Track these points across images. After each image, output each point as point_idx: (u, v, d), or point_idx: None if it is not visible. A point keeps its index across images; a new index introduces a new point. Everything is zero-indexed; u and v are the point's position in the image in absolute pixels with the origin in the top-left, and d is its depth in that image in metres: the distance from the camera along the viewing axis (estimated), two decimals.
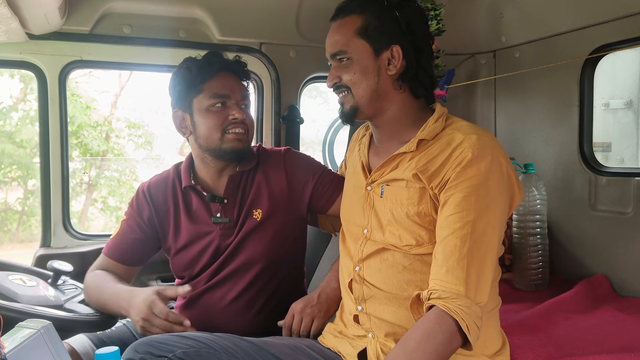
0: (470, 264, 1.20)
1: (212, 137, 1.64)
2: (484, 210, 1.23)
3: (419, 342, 1.17)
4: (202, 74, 1.65)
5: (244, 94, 1.69)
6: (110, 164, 7.22)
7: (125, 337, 1.72)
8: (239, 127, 1.64)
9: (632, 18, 1.94)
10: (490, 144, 1.29)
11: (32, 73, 2.20)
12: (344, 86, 1.40)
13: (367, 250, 1.40)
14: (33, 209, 6.75)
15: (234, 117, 1.62)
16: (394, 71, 1.38)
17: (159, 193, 1.74)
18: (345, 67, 1.39)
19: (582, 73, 2.17)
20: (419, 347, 1.16)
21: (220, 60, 1.69)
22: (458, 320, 1.16)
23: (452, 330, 1.17)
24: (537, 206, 2.12)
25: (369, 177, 1.44)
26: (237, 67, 1.71)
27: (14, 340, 1.01)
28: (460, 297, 1.18)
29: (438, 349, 1.16)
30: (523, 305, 1.92)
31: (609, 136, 3.61)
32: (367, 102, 1.39)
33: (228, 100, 1.64)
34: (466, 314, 1.17)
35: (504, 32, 2.47)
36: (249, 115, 1.69)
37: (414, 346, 1.16)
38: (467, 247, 1.20)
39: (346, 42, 1.39)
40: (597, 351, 1.49)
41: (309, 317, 1.58)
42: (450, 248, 1.21)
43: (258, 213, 1.69)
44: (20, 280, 1.61)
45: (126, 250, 1.71)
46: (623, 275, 2.03)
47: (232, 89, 1.65)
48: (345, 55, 1.39)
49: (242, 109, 1.67)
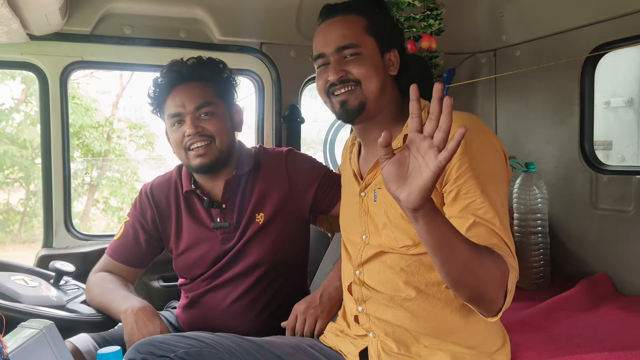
0: (510, 236, 1.20)
1: (180, 155, 1.66)
2: (493, 189, 1.22)
3: (478, 252, 1.10)
4: (159, 96, 1.65)
5: (199, 103, 1.60)
6: (112, 165, 7.22)
7: None
8: (196, 142, 1.60)
9: (633, 16, 1.94)
10: (476, 124, 1.29)
11: (33, 74, 2.21)
12: (353, 80, 1.37)
13: (366, 254, 1.40)
14: (35, 209, 6.75)
15: (187, 133, 1.59)
16: (395, 72, 1.40)
17: (161, 195, 1.74)
18: (355, 61, 1.36)
19: (583, 71, 2.17)
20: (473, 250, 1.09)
21: (170, 76, 1.63)
22: (510, 276, 1.12)
23: (502, 281, 1.11)
24: (538, 205, 2.12)
25: (362, 182, 1.44)
26: (193, 72, 1.64)
27: (16, 340, 1.02)
28: (514, 260, 1.16)
29: (487, 265, 1.10)
30: (524, 303, 1.92)
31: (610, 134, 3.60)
32: (375, 98, 1.37)
33: (182, 116, 1.61)
34: (515, 277, 1.14)
35: (505, 30, 2.47)
36: (212, 123, 1.61)
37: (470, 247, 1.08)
38: (500, 228, 1.18)
39: (356, 37, 1.37)
40: (598, 350, 1.48)
41: (312, 317, 1.57)
42: (488, 230, 1.18)
43: (260, 217, 1.68)
44: (23, 280, 1.61)
45: (130, 251, 1.71)
46: (624, 273, 2.03)
47: (182, 103, 1.61)
48: (355, 49, 1.37)
49: (200, 119, 1.61)
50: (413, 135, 1.01)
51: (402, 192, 1.01)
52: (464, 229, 1.17)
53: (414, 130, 1.01)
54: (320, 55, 1.41)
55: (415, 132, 1.01)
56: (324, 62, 1.42)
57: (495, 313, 1.15)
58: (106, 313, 1.58)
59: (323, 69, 1.42)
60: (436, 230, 1.04)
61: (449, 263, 1.08)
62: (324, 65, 1.42)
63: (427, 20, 2.26)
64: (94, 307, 1.63)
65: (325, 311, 1.59)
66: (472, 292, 1.12)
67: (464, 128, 0.95)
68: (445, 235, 1.05)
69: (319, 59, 1.42)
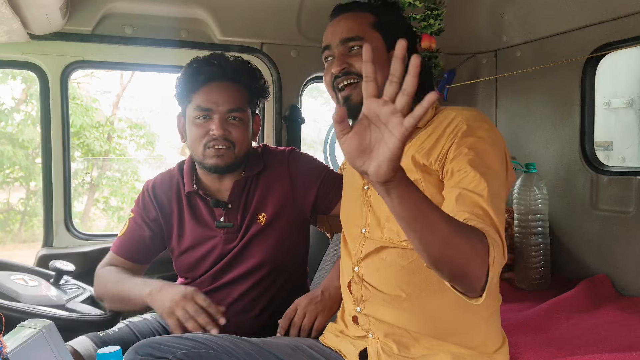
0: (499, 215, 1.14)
1: (196, 149, 1.64)
2: (492, 174, 1.20)
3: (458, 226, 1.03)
4: (191, 84, 1.63)
5: (232, 106, 1.60)
6: (112, 164, 7.23)
7: (127, 338, 1.72)
8: (219, 144, 1.59)
9: (634, 17, 1.94)
10: (483, 117, 1.30)
11: (34, 73, 2.21)
12: (355, 73, 1.38)
13: (365, 249, 1.40)
14: (35, 209, 6.76)
15: (213, 132, 1.58)
16: None
17: (163, 194, 1.74)
18: (359, 54, 1.36)
19: (584, 72, 2.17)
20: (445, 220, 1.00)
21: (209, 69, 1.62)
22: (491, 250, 1.03)
23: (484, 255, 1.03)
24: (538, 205, 2.12)
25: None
26: (235, 74, 1.64)
27: (16, 340, 1.02)
28: (498, 235, 1.09)
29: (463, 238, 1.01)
30: (524, 304, 1.92)
31: (611, 135, 3.59)
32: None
33: (211, 113, 1.60)
34: (497, 252, 1.06)
35: (505, 31, 2.47)
36: (237, 130, 1.61)
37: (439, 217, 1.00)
38: (487, 201, 1.13)
39: (363, 30, 1.39)
40: (598, 351, 1.48)
41: (313, 312, 1.57)
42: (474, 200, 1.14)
43: (262, 217, 1.68)
44: (23, 280, 1.61)
45: (135, 247, 1.71)
46: (625, 274, 2.02)
47: (216, 101, 1.59)
48: (361, 42, 1.38)
49: (228, 122, 1.60)
50: (370, 101, 0.92)
51: (370, 165, 0.92)
52: (452, 201, 1.15)
53: (370, 95, 0.92)
54: (326, 47, 1.43)
55: (372, 97, 0.92)
56: (329, 54, 1.43)
57: (479, 293, 1.07)
58: (121, 298, 1.58)
59: (329, 62, 1.44)
60: (410, 203, 0.96)
61: (427, 239, 1.00)
62: (330, 58, 1.44)
63: (428, 20, 2.26)
64: (108, 297, 1.62)
65: (325, 309, 1.59)
66: (455, 270, 1.04)
67: (435, 93, 0.88)
68: (420, 208, 0.97)
69: (325, 51, 1.44)
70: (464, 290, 1.07)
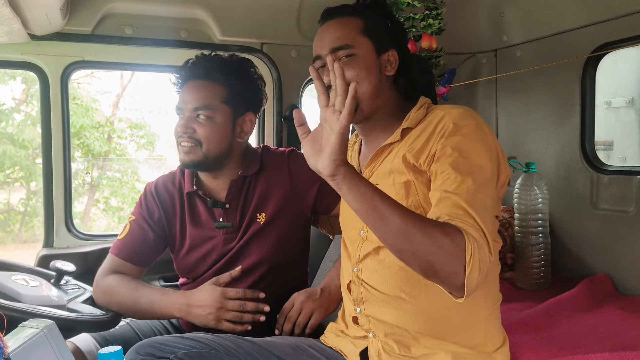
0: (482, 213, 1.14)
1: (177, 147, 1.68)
2: (476, 172, 1.20)
3: (417, 221, 1.08)
4: (176, 87, 1.69)
5: (197, 105, 1.60)
6: (112, 165, 7.23)
7: (129, 337, 1.72)
8: (183, 141, 1.62)
9: (634, 16, 1.94)
10: (470, 114, 1.30)
11: (34, 74, 2.21)
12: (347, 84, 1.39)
13: (364, 250, 1.40)
14: (36, 209, 6.76)
15: (176, 130, 1.63)
16: (392, 72, 1.40)
17: (166, 194, 1.74)
18: (348, 63, 1.36)
19: (584, 72, 2.17)
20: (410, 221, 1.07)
21: (185, 69, 1.66)
22: (467, 246, 1.06)
23: (455, 249, 1.05)
24: (539, 205, 2.12)
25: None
26: (203, 71, 1.63)
27: (17, 340, 1.01)
28: (479, 232, 1.10)
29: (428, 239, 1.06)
30: (525, 304, 1.92)
31: (611, 135, 3.59)
32: (368, 99, 1.38)
33: (183, 112, 1.64)
34: (477, 249, 1.07)
35: (505, 31, 2.47)
36: (203, 128, 1.60)
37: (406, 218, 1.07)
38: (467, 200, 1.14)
39: (351, 38, 1.38)
40: (599, 350, 1.48)
41: (309, 309, 1.58)
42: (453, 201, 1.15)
43: (262, 217, 1.68)
44: (24, 280, 1.61)
45: (138, 250, 1.70)
46: (625, 273, 2.02)
47: (185, 100, 1.63)
48: (350, 50, 1.37)
49: (194, 120, 1.61)
50: (323, 110, 1.09)
51: (319, 161, 1.09)
52: (433, 204, 1.18)
53: (323, 105, 1.10)
54: (317, 57, 1.43)
55: (323, 107, 1.09)
56: (321, 64, 1.42)
57: (461, 290, 1.08)
58: (142, 315, 1.63)
59: (321, 71, 1.42)
60: (360, 194, 1.08)
61: (380, 229, 1.10)
62: (321, 67, 1.42)
63: (427, 20, 2.26)
64: (118, 308, 1.62)
65: (323, 306, 1.59)
66: (419, 262, 1.09)
67: (355, 83, 1.06)
68: (370, 201, 1.08)
69: (317, 61, 1.43)
70: (446, 288, 1.12)
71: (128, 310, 1.63)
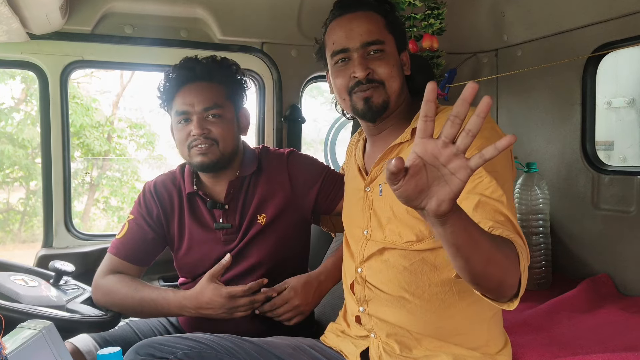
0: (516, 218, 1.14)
1: (182, 152, 1.66)
2: (504, 176, 1.20)
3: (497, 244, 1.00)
4: (168, 92, 1.66)
5: (207, 105, 1.61)
6: (112, 164, 7.22)
7: (128, 337, 1.72)
8: (200, 143, 1.60)
9: (635, 16, 1.93)
10: (488, 116, 1.28)
11: (33, 73, 2.20)
12: (377, 81, 1.34)
13: (368, 251, 1.39)
14: (35, 209, 6.75)
15: (193, 133, 1.60)
16: (408, 72, 1.42)
17: (165, 193, 1.73)
18: (379, 59, 1.34)
19: (585, 71, 2.16)
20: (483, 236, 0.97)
21: (182, 73, 1.64)
22: (520, 258, 1.03)
23: (517, 265, 1.03)
24: (539, 205, 2.12)
25: (367, 176, 1.43)
26: (205, 72, 1.64)
27: (15, 341, 1.01)
28: (520, 239, 1.08)
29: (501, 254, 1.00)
30: (526, 304, 1.92)
31: (612, 135, 3.59)
32: (396, 97, 1.37)
33: (189, 115, 1.62)
34: (525, 258, 1.05)
35: (506, 30, 2.47)
36: (218, 127, 1.61)
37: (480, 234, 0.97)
38: (507, 206, 1.13)
39: (382, 33, 1.36)
40: (600, 350, 1.48)
41: (298, 312, 1.60)
42: (494, 207, 1.13)
43: (262, 218, 1.68)
44: (22, 280, 1.60)
45: (137, 249, 1.70)
46: (626, 274, 2.02)
47: (192, 103, 1.61)
48: (381, 46, 1.35)
49: (206, 120, 1.61)
50: (427, 143, 0.86)
51: (430, 203, 0.88)
52: (470, 208, 1.13)
53: (427, 135, 0.86)
54: (342, 50, 1.36)
55: (428, 139, 0.86)
56: (344, 57, 1.37)
57: (510, 298, 1.07)
58: (145, 314, 1.64)
59: (342, 65, 1.37)
60: (462, 230, 0.93)
61: (473, 260, 0.97)
62: (343, 61, 1.37)
63: (428, 20, 2.25)
64: (119, 308, 1.62)
65: (306, 312, 1.62)
66: (493, 283, 1.03)
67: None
68: (470, 233, 0.94)
69: (340, 54, 1.37)
70: (496, 298, 1.07)
71: (129, 310, 1.62)
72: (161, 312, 1.62)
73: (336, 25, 1.39)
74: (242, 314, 1.54)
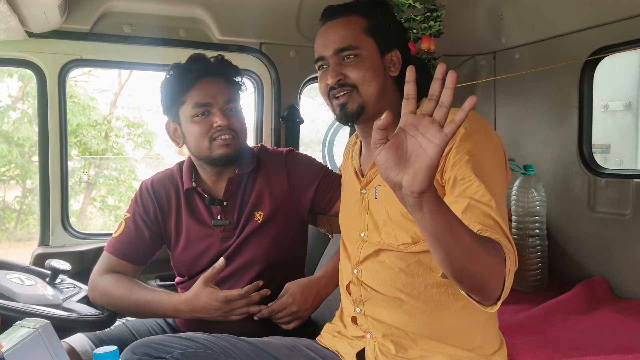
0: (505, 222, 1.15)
1: (200, 146, 1.64)
2: (495, 179, 1.20)
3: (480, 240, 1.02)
4: (182, 85, 1.64)
5: (228, 98, 1.64)
6: (110, 163, 7.21)
7: (125, 337, 1.72)
8: (225, 134, 1.61)
9: (632, 20, 1.94)
10: (479, 119, 1.29)
11: (31, 72, 2.20)
12: (350, 85, 1.37)
13: (364, 252, 1.40)
14: (31, 207, 6.73)
15: (218, 124, 1.60)
16: (396, 73, 1.40)
17: (162, 190, 1.73)
18: (354, 64, 1.36)
19: (582, 75, 2.17)
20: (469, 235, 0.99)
21: (199, 66, 1.64)
22: (507, 260, 1.04)
23: (502, 266, 1.04)
24: (536, 207, 2.12)
25: (363, 179, 1.44)
26: (221, 68, 1.67)
27: (11, 340, 1.01)
28: (509, 243, 1.10)
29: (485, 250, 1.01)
30: (521, 306, 1.92)
31: (608, 138, 3.61)
32: (374, 101, 1.38)
33: (211, 107, 1.62)
34: (513, 263, 1.06)
35: (504, 33, 2.47)
36: (237, 119, 1.65)
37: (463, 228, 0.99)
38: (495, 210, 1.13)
39: (355, 38, 1.37)
40: (595, 352, 1.49)
41: (296, 317, 1.60)
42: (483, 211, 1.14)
43: (259, 215, 1.68)
44: (19, 279, 1.60)
45: (134, 248, 1.70)
46: (621, 276, 2.03)
47: (213, 95, 1.62)
48: (355, 51, 1.36)
49: (228, 113, 1.63)
50: (408, 116, 0.94)
51: (405, 175, 0.92)
52: (459, 212, 1.14)
53: (409, 111, 0.94)
54: (320, 57, 1.42)
55: (409, 113, 0.94)
56: (323, 64, 1.42)
57: (494, 301, 1.08)
58: (142, 315, 1.65)
59: (323, 72, 1.42)
60: (441, 217, 0.95)
61: (453, 253, 0.99)
62: (322, 68, 1.42)
63: (427, 22, 2.26)
64: (116, 308, 1.62)
65: (304, 317, 1.62)
66: (476, 281, 1.04)
67: (474, 97, 0.89)
68: (449, 223, 0.96)
69: (319, 62, 1.42)
70: (480, 299, 1.07)
71: (125, 311, 1.63)
72: (156, 314, 1.63)
73: (318, 35, 1.44)
74: (238, 317, 1.54)
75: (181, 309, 1.55)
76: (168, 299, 1.57)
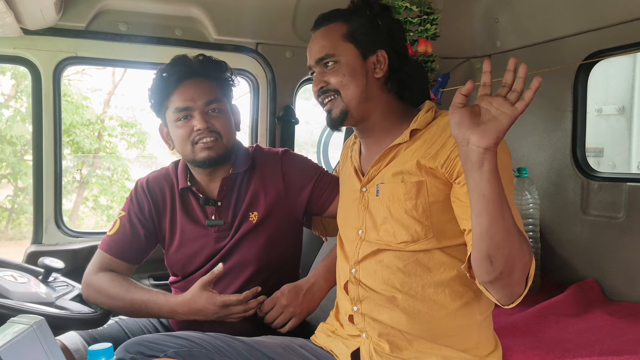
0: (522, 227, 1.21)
1: (185, 149, 1.64)
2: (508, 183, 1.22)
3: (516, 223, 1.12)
4: (164, 90, 1.64)
5: (209, 99, 1.62)
6: (102, 163, 7.17)
7: (117, 335, 1.71)
8: (205, 137, 1.60)
9: (626, 25, 1.96)
10: None
11: (26, 69, 2.18)
12: (332, 90, 1.41)
13: (362, 252, 1.40)
14: (23, 206, 6.69)
15: (197, 127, 1.60)
16: (381, 74, 1.41)
17: (157, 189, 1.73)
18: (333, 70, 1.40)
19: (576, 79, 2.19)
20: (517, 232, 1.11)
21: (178, 70, 1.63)
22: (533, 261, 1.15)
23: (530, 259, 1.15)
24: (529, 210, 2.13)
25: (364, 177, 1.44)
26: (201, 69, 1.65)
27: (5, 336, 1.00)
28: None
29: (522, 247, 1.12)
30: (515, 308, 1.89)
31: (602, 141, 3.64)
32: (356, 104, 1.40)
33: (191, 111, 1.61)
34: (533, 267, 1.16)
35: (499, 36, 2.49)
36: (219, 120, 1.63)
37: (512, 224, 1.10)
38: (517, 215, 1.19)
39: (333, 46, 1.41)
40: (587, 354, 1.49)
41: (289, 314, 1.59)
42: None
43: (254, 216, 1.68)
44: (12, 276, 1.59)
45: (128, 247, 1.69)
46: (613, 279, 2.04)
47: (192, 98, 1.61)
48: (332, 58, 1.40)
49: (209, 115, 1.62)
50: (485, 97, 1.10)
51: (474, 133, 1.06)
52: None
53: (485, 94, 1.10)
54: (309, 68, 1.48)
55: (485, 95, 1.10)
56: (312, 73, 1.48)
57: (513, 300, 1.16)
58: (138, 314, 1.63)
59: (313, 81, 1.48)
60: (496, 181, 1.07)
61: (497, 224, 1.08)
62: (312, 76, 1.48)
63: (424, 25, 2.27)
64: (110, 307, 1.61)
65: (303, 312, 1.61)
66: (508, 264, 1.11)
67: (540, 77, 1.04)
68: (500, 191, 1.07)
69: (310, 70, 1.49)
70: (502, 294, 1.15)
71: (120, 310, 1.62)
72: (151, 314, 1.62)
73: (308, 44, 1.48)
74: (234, 320, 1.54)
75: (178, 310, 1.55)
76: (165, 300, 1.57)
